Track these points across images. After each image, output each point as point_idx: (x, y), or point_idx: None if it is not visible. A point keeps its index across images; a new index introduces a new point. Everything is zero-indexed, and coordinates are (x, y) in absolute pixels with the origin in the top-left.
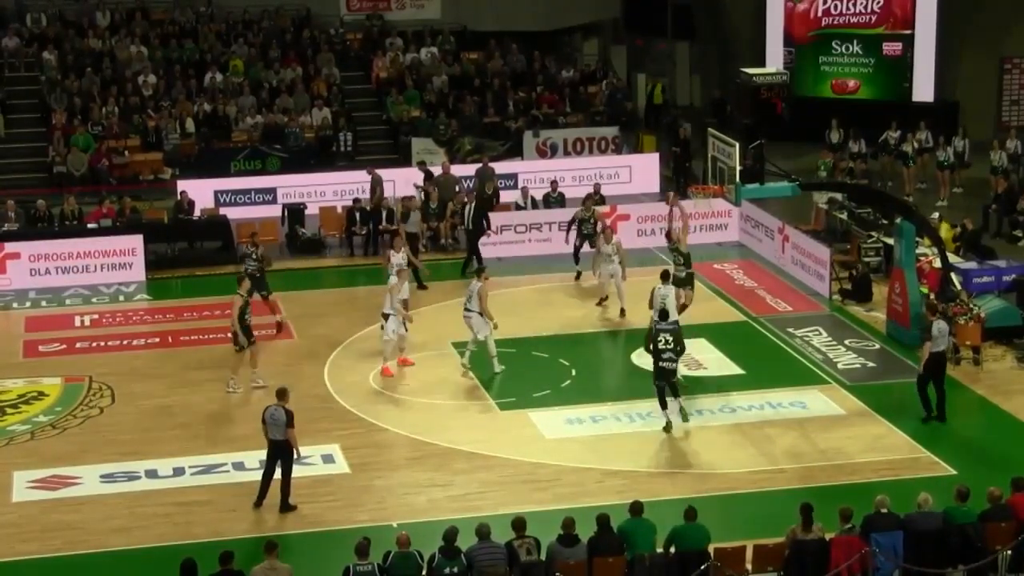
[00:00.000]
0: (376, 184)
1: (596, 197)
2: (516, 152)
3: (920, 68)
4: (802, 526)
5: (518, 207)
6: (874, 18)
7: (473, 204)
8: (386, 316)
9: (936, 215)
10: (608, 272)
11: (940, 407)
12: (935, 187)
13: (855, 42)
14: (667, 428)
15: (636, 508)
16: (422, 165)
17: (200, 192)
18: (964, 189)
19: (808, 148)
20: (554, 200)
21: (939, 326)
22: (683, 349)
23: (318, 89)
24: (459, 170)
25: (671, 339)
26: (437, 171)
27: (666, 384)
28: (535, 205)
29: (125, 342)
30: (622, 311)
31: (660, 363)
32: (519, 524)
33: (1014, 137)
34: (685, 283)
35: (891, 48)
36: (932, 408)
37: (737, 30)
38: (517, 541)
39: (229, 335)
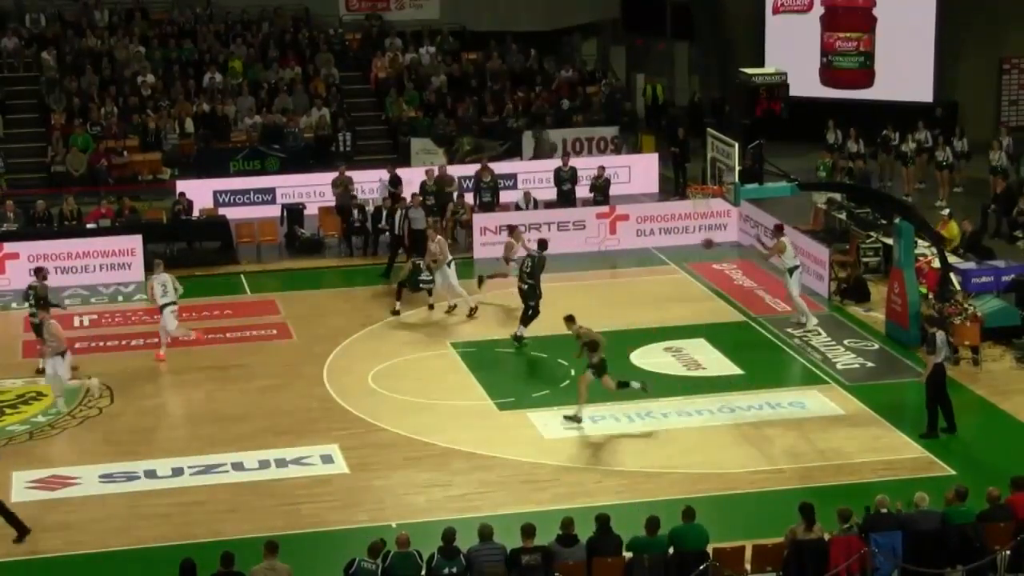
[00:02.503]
0: (347, 183)
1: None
2: (515, 152)
3: (920, 68)
4: (804, 526)
5: (518, 208)
6: None
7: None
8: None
9: (946, 211)
10: (446, 279)
11: (949, 418)
12: (934, 187)
13: None
14: (518, 340)
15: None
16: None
17: (199, 192)
18: (963, 189)
19: (807, 148)
20: (598, 186)
21: (941, 337)
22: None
23: (317, 89)
24: (455, 170)
25: (531, 265)
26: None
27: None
28: (536, 207)
29: (124, 342)
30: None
31: (519, 283)
32: (529, 530)
33: (1005, 135)
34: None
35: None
36: (936, 427)
37: (736, 30)
38: (526, 556)
39: None
